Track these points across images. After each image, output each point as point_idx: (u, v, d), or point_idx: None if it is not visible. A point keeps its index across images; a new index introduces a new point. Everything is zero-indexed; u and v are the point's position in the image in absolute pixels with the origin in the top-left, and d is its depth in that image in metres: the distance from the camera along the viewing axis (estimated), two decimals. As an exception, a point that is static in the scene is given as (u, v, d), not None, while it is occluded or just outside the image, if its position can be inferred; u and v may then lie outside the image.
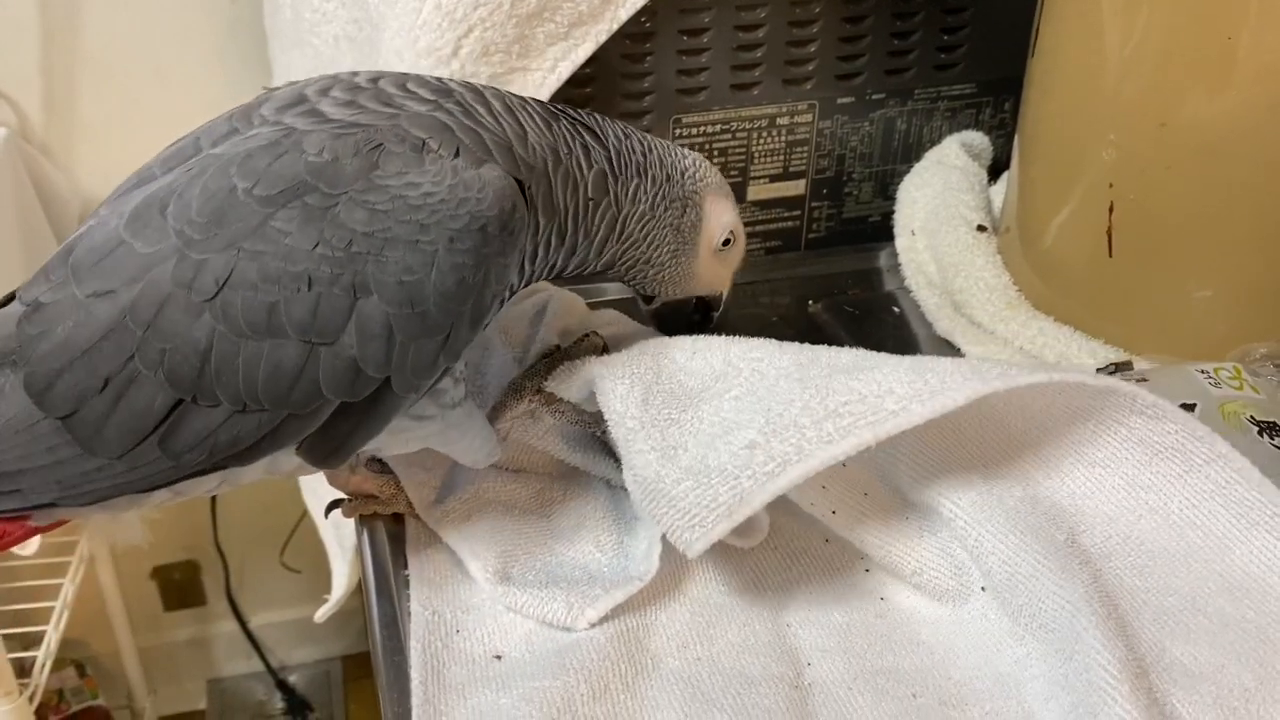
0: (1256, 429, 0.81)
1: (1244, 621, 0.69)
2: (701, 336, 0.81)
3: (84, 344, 0.62)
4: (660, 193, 0.82)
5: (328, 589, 2.05)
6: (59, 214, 1.65)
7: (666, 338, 0.84)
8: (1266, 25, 0.81)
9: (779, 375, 0.75)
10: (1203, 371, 0.86)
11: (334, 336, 0.64)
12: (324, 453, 0.69)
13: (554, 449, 0.86)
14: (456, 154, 0.68)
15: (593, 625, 0.74)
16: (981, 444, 0.77)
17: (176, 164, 0.68)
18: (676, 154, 0.84)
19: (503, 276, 0.70)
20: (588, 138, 0.78)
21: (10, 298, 0.68)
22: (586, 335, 0.88)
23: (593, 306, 0.98)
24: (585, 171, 0.77)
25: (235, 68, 1.69)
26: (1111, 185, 0.92)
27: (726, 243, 0.87)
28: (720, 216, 0.86)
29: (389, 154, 0.66)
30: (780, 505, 0.74)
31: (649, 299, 0.89)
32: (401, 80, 0.74)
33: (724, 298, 0.91)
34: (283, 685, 2.18)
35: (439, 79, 0.75)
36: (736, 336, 0.80)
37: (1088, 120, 0.94)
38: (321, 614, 1.33)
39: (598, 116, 0.81)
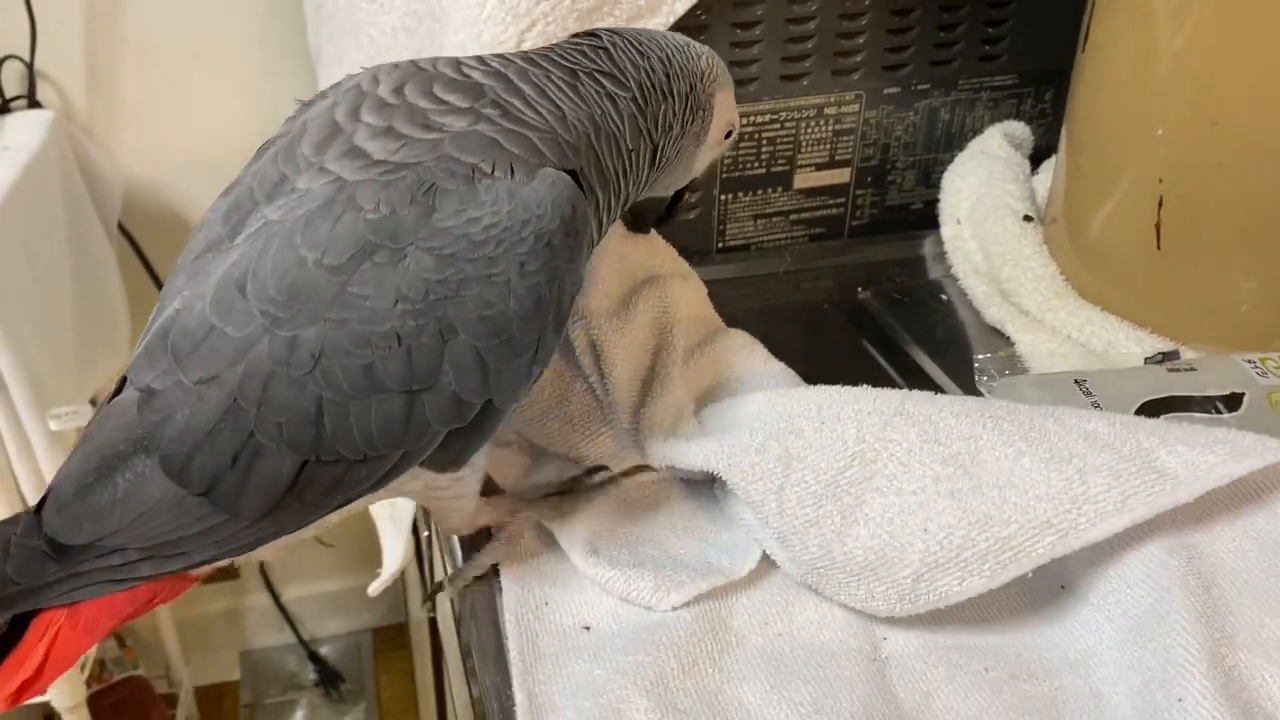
0: None
1: None
2: (826, 401, 0.81)
3: (204, 427, 0.65)
4: (686, 108, 0.81)
5: (359, 563, 2.09)
6: (103, 195, 1.68)
7: (787, 391, 0.84)
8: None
9: (925, 480, 0.75)
10: (1250, 361, 0.90)
11: (432, 380, 0.66)
12: (443, 464, 0.72)
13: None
14: (511, 171, 0.68)
15: (675, 609, 0.78)
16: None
17: (237, 219, 0.70)
18: (692, 55, 0.82)
19: (576, 275, 0.71)
20: (609, 85, 0.77)
21: (122, 383, 0.70)
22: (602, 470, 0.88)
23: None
24: (621, 124, 0.76)
25: (275, 50, 1.71)
26: (1161, 180, 0.95)
27: (728, 135, 0.87)
28: (727, 113, 0.85)
29: (443, 193, 0.66)
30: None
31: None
32: (427, 85, 0.73)
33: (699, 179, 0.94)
34: (314, 657, 2.23)
35: (462, 69, 0.75)
36: (858, 395, 0.81)
37: (1138, 115, 0.97)
38: (375, 588, 1.37)
39: (609, 48, 0.79)
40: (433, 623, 1.46)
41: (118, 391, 0.70)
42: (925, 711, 0.71)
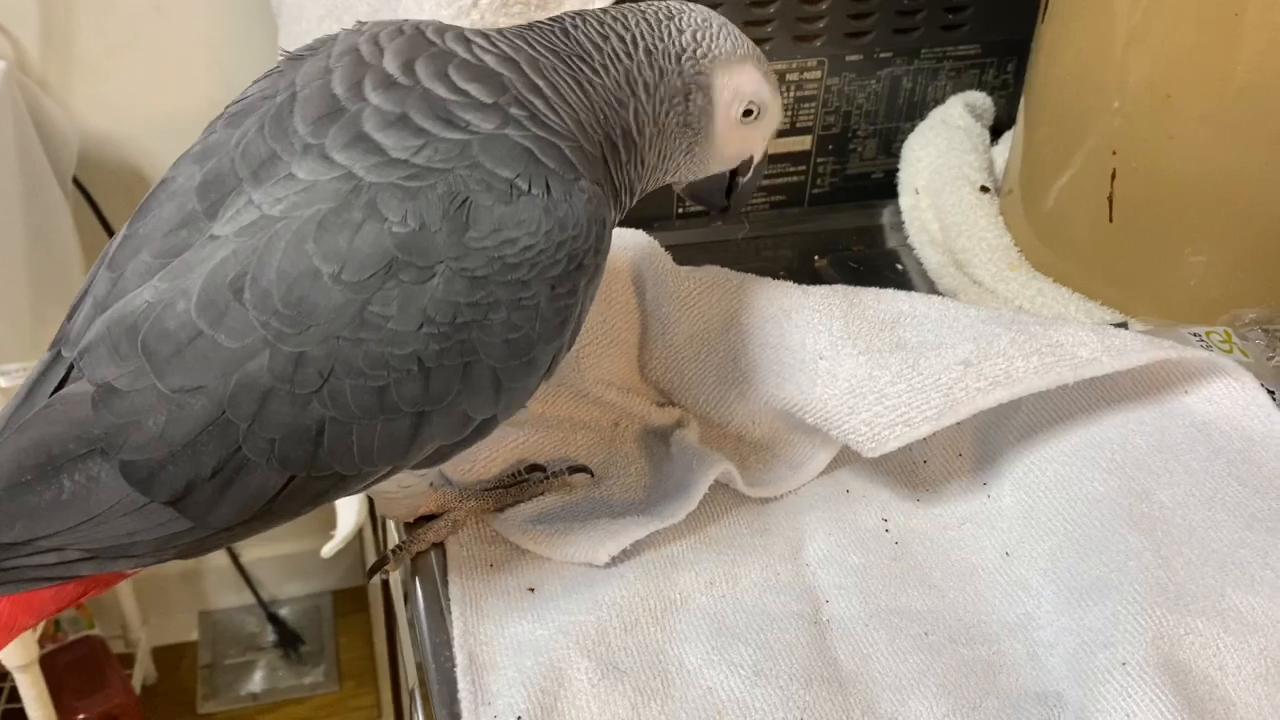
0: (1246, 389, 0.86)
1: None
2: (882, 293, 0.87)
3: (183, 438, 0.61)
4: (657, 100, 0.73)
5: (318, 525, 2.08)
6: (58, 149, 1.65)
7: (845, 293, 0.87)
8: (1274, 1, 0.84)
9: (973, 318, 0.83)
10: (1196, 334, 0.91)
11: (444, 400, 0.63)
12: (427, 465, 0.70)
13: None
14: (547, 188, 0.64)
15: (613, 559, 0.78)
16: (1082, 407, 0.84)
17: (216, 196, 0.65)
18: (670, 31, 0.73)
19: (595, 288, 0.68)
20: (587, 71, 0.71)
21: (55, 357, 0.65)
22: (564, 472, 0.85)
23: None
24: (615, 129, 0.72)
25: (236, 1, 1.68)
26: (1115, 153, 0.96)
27: (749, 113, 0.77)
28: (735, 89, 0.75)
29: (478, 209, 0.62)
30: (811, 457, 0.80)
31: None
32: (441, 66, 0.67)
33: (755, 162, 0.83)
34: (274, 618, 2.23)
35: (473, 49, 0.69)
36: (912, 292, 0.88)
37: (1094, 87, 0.97)
38: (328, 550, 1.36)
39: (569, 27, 0.73)
40: (385, 585, 1.46)
41: (53, 368, 0.65)
42: (864, 673, 0.72)
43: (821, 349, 0.81)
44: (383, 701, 2.04)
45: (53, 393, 0.64)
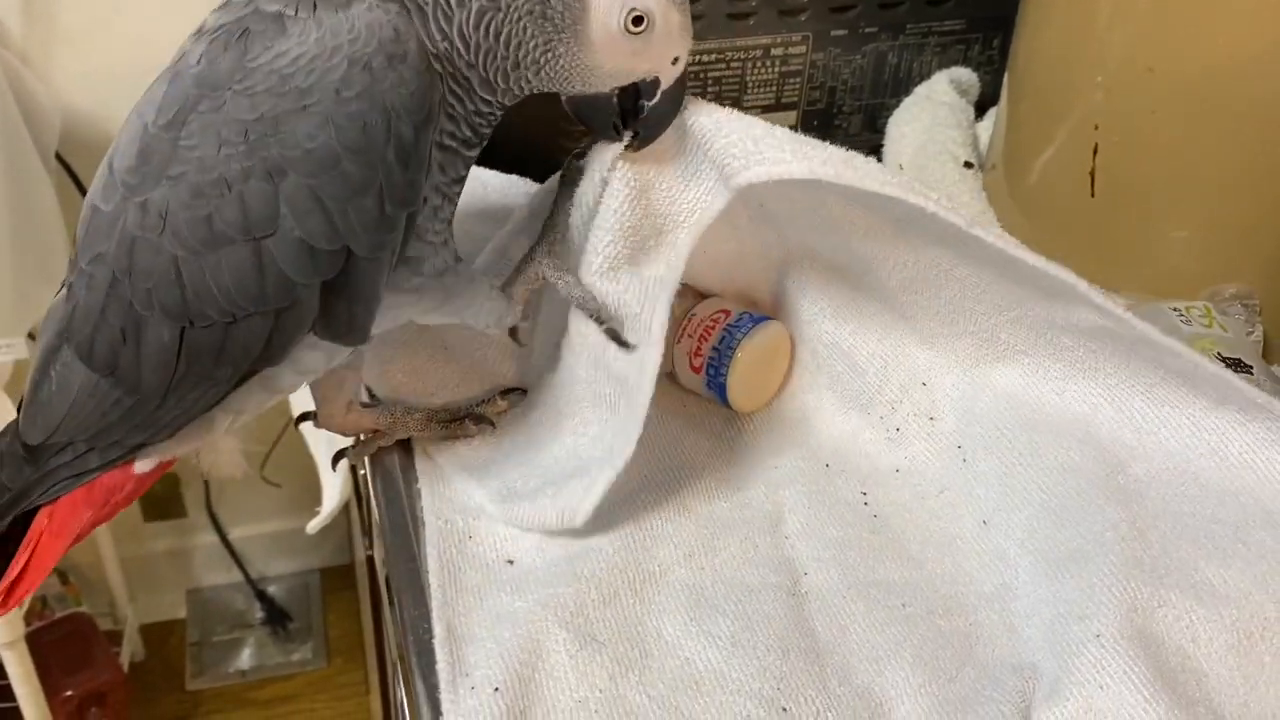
0: (1223, 364, 0.86)
1: None
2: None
3: (98, 306, 0.69)
4: None
5: (307, 502, 2.09)
6: (40, 124, 1.64)
7: None
8: (1255, -25, 0.84)
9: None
10: (1176, 310, 0.91)
11: (272, 225, 0.66)
12: (339, 332, 0.72)
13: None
14: (315, 8, 0.67)
15: (591, 530, 0.78)
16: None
17: None
18: None
19: (414, 105, 0.67)
20: None
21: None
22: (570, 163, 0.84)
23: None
24: (425, 5, 0.69)
25: (219, -25, 1.67)
26: (1097, 127, 0.96)
27: (639, 21, 0.71)
28: None
29: (253, 35, 0.66)
30: (787, 434, 0.81)
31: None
32: None
33: (662, 86, 0.75)
34: (262, 596, 2.23)
35: None
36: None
37: (1077, 62, 0.97)
38: (314, 525, 1.37)
39: None
40: (370, 561, 1.46)
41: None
42: (841, 645, 0.73)
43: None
44: (371, 680, 2.05)
45: None
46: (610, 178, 0.78)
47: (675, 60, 0.75)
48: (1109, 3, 0.93)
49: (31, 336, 1.55)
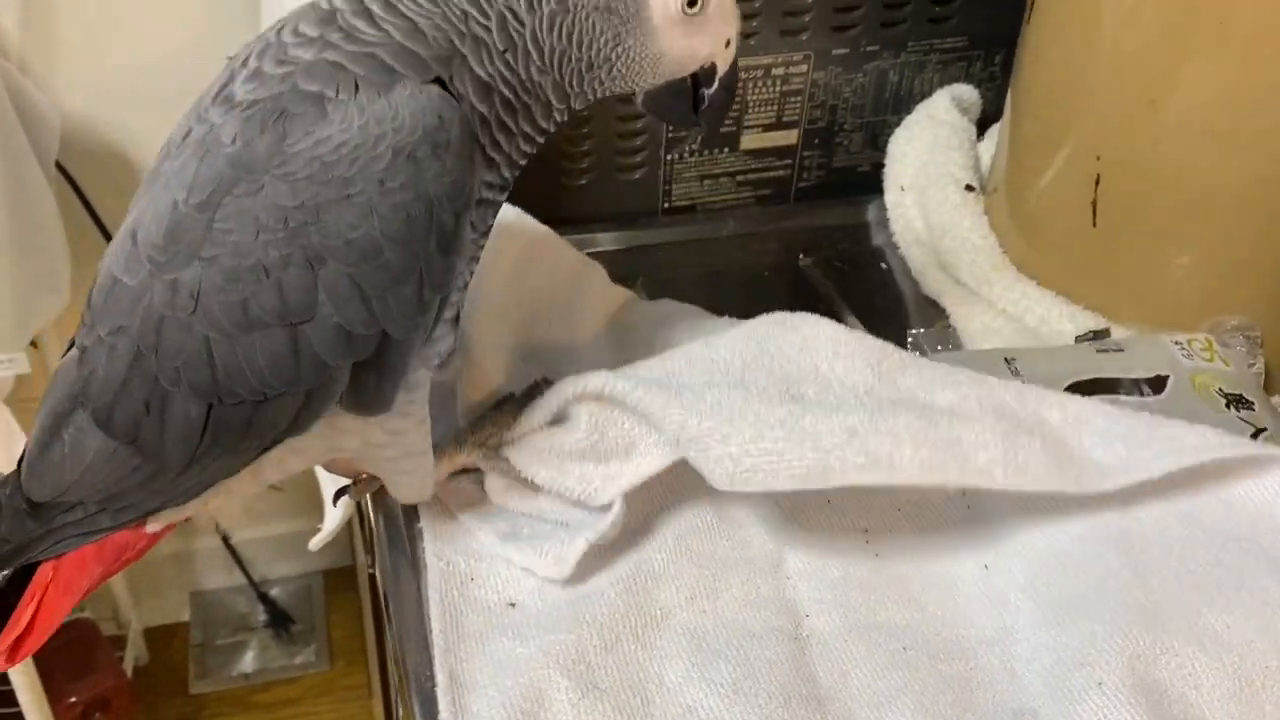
0: (1224, 401, 0.86)
1: None
2: (813, 335, 0.82)
3: (119, 377, 0.67)
4: None
5: (309, 505, 2.08)
6: (40, 133, 1.63)
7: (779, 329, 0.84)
8: (1258, 11, 0.84)
9: (881, 400, 0.78)
10: (1177, 343, 0.91)
11: (311, 312, 0.65)
12: (365, 404, 0.71)
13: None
14: (356, 90, 0.66)
15: (594, 573, 0.78)
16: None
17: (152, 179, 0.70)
18: None
19: (455, 192, 0.67)
20: None
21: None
22: (538, 382, 0.87)
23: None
24: (487, 22, 0.69)
25: (218, -18, 1.66)
26: (1099, 158, 0.95)
27: (693, 3, 0.72)
28: None
29: (292, 118, 0.65)
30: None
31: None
32: (296, 23, 0.71)
33: (719, 71, 0.77)
34: (264, 598, 2.23)
35: (330, 0, 0.71)
36: (846, 342, 0.82)
37: (1078, 92, 0.97)
38: (315, 543, 1.37)
39: None
40: (372, 578, 1.46)
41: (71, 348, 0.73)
42: (842, 690, 0.73)
43: (713, 380, 0.80)
44: (373, 684, 2.05)
45: None
46: (571, 410, 0.81)
47: (728, 43, 0.76)
48: (1110, 37, 0.92)
49: (34, 345, 1.55)
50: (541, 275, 0.98)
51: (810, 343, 0.82)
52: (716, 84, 0.78)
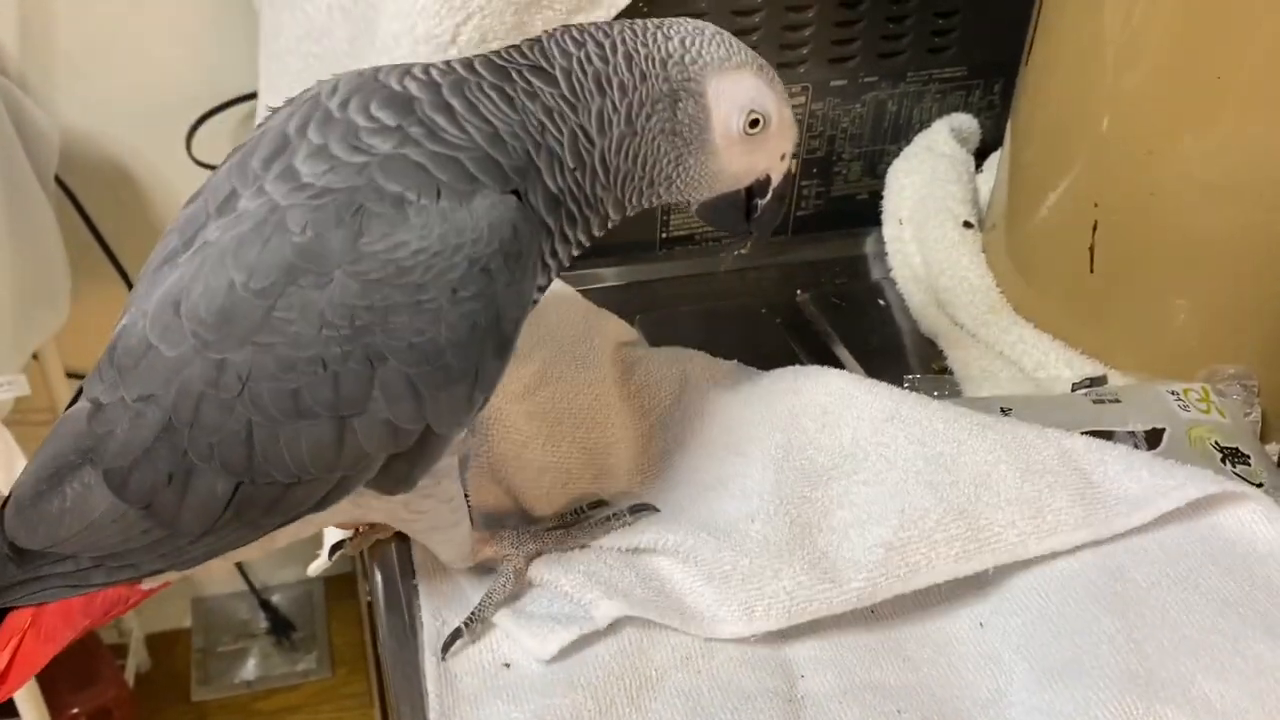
0: (1220, 455, 0.86)
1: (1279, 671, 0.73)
2: (830, 404, 0.87)
3: (142, 444, 0.66)
4: (634, 101, 0.71)
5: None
6: (39, 148, 1.63)
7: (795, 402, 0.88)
8: (1255, 65, 0.83)
9: (908, 473, 0.83)
10: (1173, 393, 0.91)
11: (362, 406, 0.65)
12: (389, 487, 0.71)
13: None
14: (439, 196, 0.66)
15: (589, 634, 0.78)
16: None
17: (190, 232, 0.69)
18: (658, 39, 0.72)
19: (519, 301, 0.68)
20: (538, 82, 0.71)
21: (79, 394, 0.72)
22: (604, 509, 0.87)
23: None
24: (560, 136, 0.71)
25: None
26: (1096, 205, 0.95)
27: (755, 124, 0.74)
28: (731, 97, 0.73)
29: (370, 216, 0.64)
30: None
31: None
32: (368, 99, 0.70)
33: (774, 183, 0.79)
34: (266, 605, 2.24)
35: (405, 80, 0.71)
36: (861, 400, 0.87)
37: (1076, 140, 0.97)
38: (314, 569, 1.37)
39: (543, 38, 0.73)
40: (370, 605, 1.47)
41: (77, 398, 0.72)
42: (836, 756, 0.73)
43: (754, 511, 0.82)
44: (374, 691, 2.06)
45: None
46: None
47: (783, 157, 0.79)
48: (1107, 84, 0.92)
49: (35, 357, 1.55)
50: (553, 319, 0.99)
51: (831, 414, 0.87)
52: (770, 194, 0.80)
